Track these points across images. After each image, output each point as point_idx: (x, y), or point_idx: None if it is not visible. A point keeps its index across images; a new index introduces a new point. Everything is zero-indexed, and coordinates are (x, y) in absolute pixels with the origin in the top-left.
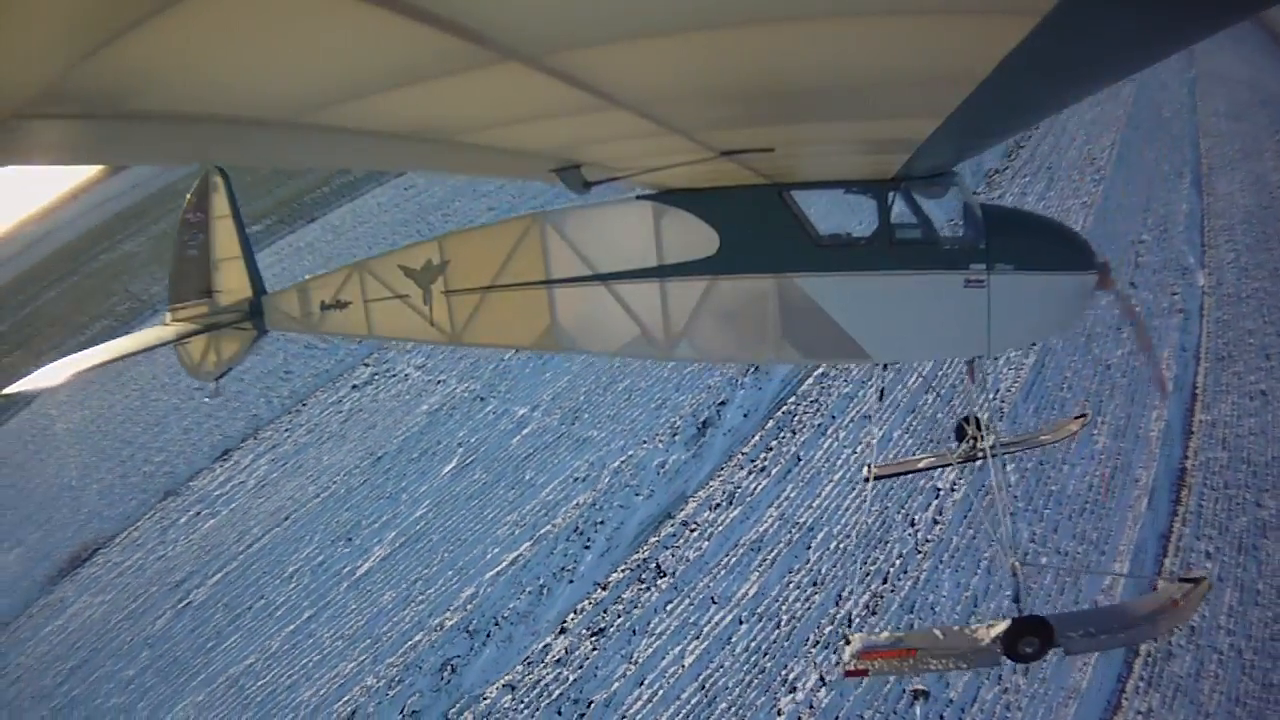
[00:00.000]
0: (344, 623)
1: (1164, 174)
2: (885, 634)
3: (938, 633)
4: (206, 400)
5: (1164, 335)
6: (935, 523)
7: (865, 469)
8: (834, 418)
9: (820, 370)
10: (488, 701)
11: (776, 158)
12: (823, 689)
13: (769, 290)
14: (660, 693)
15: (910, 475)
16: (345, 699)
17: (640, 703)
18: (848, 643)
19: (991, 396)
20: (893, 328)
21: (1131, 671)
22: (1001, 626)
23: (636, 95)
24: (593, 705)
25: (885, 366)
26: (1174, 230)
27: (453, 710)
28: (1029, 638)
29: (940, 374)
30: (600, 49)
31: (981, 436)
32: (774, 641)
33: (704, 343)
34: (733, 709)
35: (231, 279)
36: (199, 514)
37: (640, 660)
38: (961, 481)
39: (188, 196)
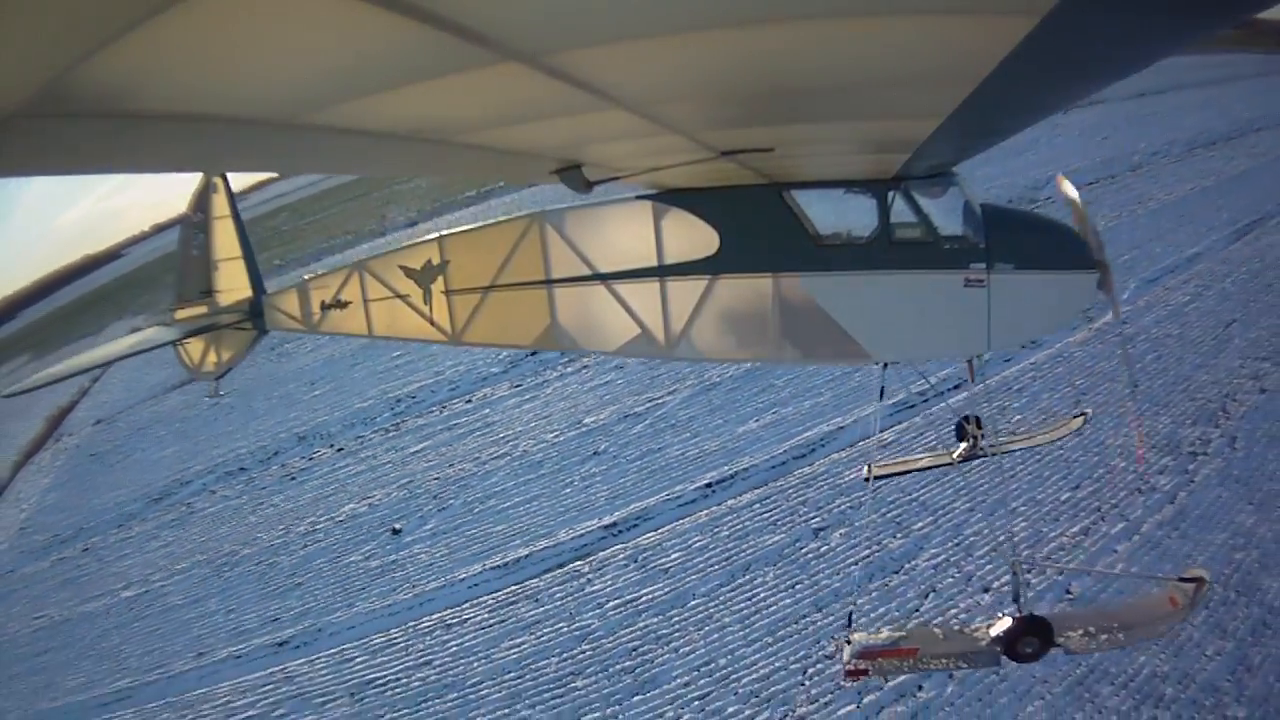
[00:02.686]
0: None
1: (1213, 223)
2: (885, 633)
3: (938, 632)
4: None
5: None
6: (535, 453)
7: (865, 468)
8: (586, 366)
9: None
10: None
11: (776, 157)
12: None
13: (769, 290)
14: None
15: (910, 474)
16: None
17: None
18: (848, 643)
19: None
20: (892, 327)
21: None
22: (1002, 626)
23: (636, 95)
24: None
25: (885, 366)
26: (1143, 268)
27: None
28: (1029, 637)
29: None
30: (600, 49)
31: (981, 435)
32: (393, 483)
33: (704, 342)
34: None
35: (232, 279)
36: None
37: (349, 469)
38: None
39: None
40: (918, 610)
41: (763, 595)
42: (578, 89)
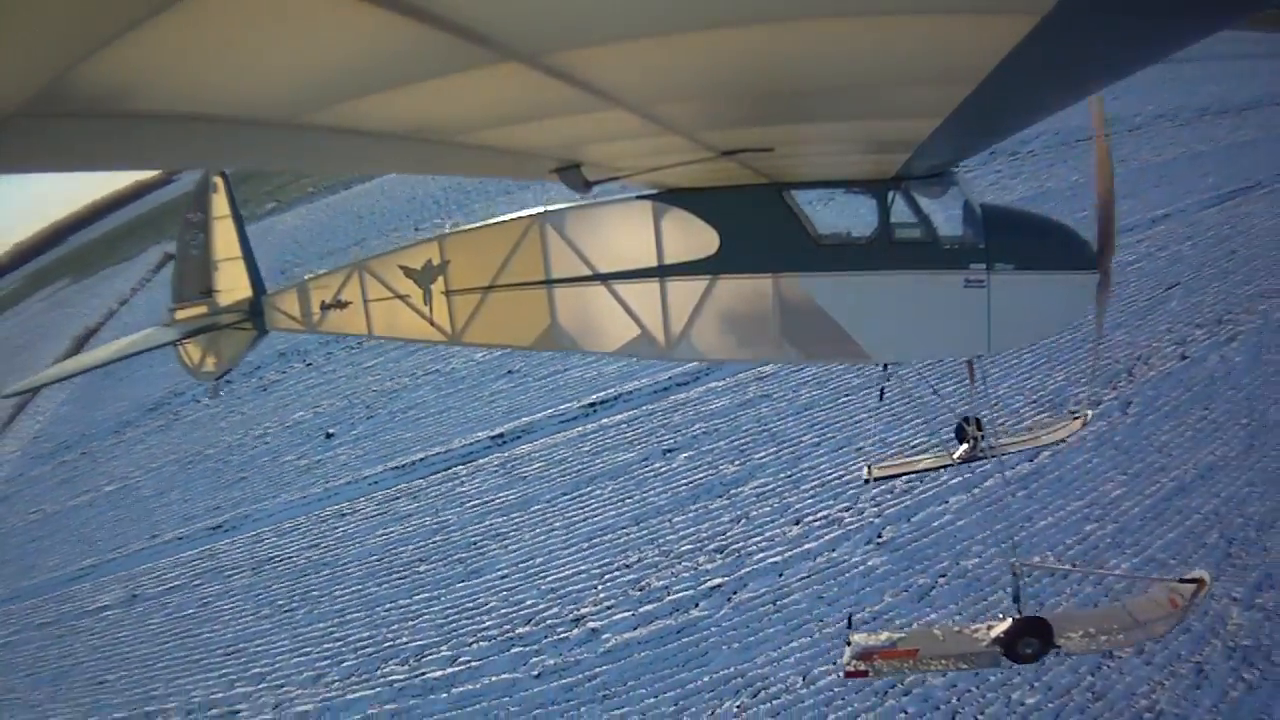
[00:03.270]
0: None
1: (1194, 188)
2: (885, 634)
3: (937, 633)
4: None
5: None
6: (461, 370)
7: (865, 469)
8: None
9: None
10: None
11: (776, 157)
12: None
13: (769, 290)
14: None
15: (911, 475)
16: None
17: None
18: (849, 644)
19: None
20: (893, 328)
21: None
22: (1002, 627)
23: (636, 95)
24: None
25: (885, 366)
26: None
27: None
28: (1029, 638)
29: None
30: (600, 49)
31: (982, 436)
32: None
33: (704, 342)
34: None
35: (231, 279)
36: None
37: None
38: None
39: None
40: (724, 534)
41: (594, 506)
42: (578, 89)
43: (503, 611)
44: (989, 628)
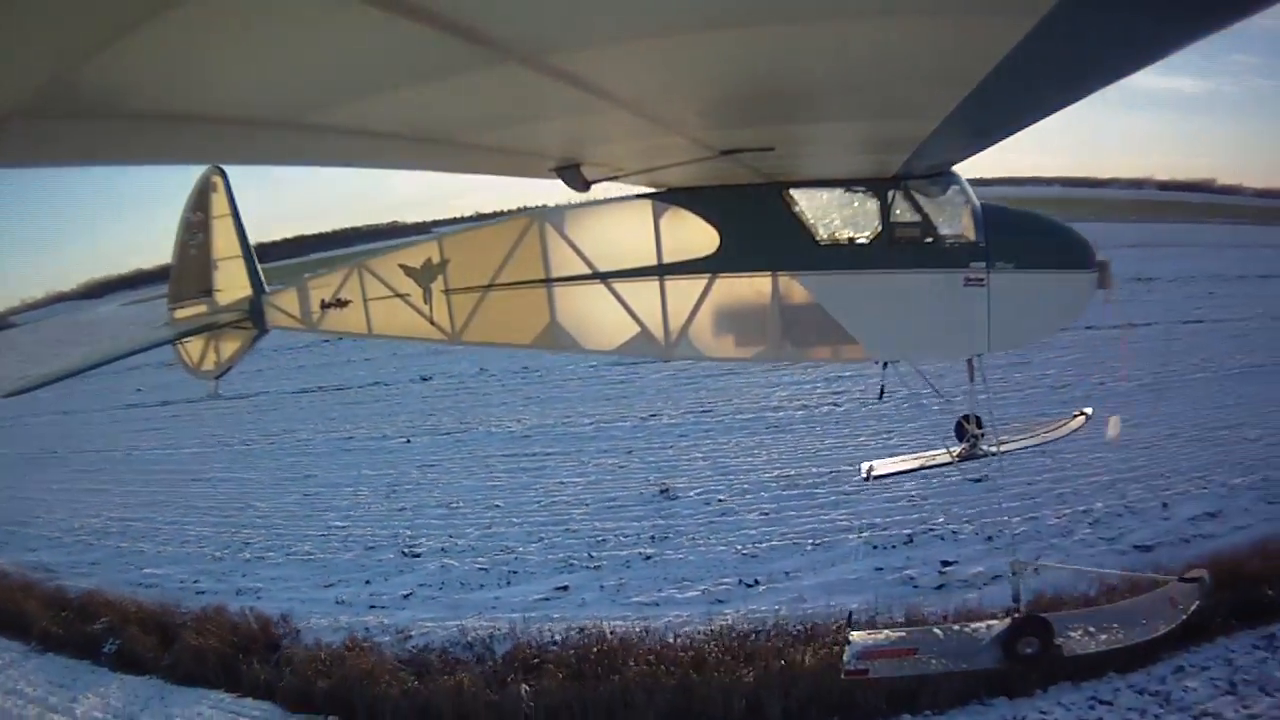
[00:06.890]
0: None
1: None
2: (885, 634)
3: (937, 632)
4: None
5: None
6: None
7: (865, 469)
8: None
9: None
10: None
11: (777, 157)
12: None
13: (769, 289)
14: None
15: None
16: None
17: None
18: (848, 643)
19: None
20: (892, 326)
21: None
22: (1002, 626)
23: (636, 95)
24: None
25: (885, 365)
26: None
27: None
28: (1029, 638)
29: None
30: (600, 49)
31: (982, 435)
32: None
33: (703, 342)
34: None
35: (231, 278)
36: None
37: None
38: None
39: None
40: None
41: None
42: (578, 89)
43: None
44: (989, 627)
